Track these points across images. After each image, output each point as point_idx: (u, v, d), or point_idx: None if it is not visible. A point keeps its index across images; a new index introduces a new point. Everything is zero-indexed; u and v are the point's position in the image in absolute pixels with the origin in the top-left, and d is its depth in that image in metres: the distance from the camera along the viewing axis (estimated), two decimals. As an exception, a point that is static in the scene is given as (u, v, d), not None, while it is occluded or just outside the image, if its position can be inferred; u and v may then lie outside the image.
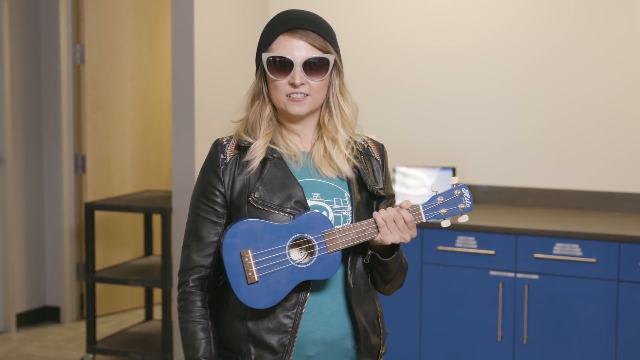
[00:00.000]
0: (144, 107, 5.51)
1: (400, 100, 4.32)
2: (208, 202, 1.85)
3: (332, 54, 1.85)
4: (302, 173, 1.86)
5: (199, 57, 3.97)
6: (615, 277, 3.37)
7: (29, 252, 5.11)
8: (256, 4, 4.46)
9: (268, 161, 1.84)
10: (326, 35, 1.86)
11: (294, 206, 1.79)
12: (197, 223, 1.86)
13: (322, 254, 1.76)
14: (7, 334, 4.94)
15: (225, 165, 1.85)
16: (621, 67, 3.90)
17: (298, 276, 1.76)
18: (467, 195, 1.88)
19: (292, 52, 1.82)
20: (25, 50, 5.03)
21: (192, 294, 1.86)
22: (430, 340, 3.68)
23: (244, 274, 1.75)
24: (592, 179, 3.98)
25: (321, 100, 1.87)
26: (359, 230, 1.78)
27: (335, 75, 1.89)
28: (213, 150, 1.88)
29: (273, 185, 1.81)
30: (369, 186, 1.87)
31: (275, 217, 1.79)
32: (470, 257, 3.60)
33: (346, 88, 1.91)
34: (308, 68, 1.82)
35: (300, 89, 1.81)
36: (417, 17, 4.26)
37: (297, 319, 1.79)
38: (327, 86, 1.87)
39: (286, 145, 1.87)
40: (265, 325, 1.80)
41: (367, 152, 1.95)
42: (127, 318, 5.25)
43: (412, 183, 4.10)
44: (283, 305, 1.79)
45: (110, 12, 5.23)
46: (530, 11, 4.05)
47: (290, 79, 1.81)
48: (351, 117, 1.90)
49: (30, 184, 5.11)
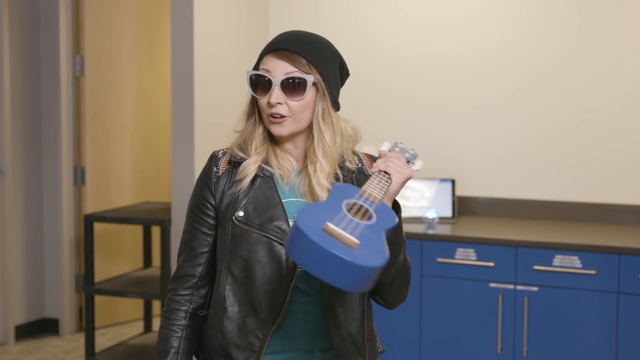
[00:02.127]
0: (144, 119, 5.51)
1: (400, 113, 4.33)
2: (200, 213, 1.88)
3: (311, 75, 1.81)
4: (289, 193, 1.86)
5: (198, 69, 3.98)
6: (615, 289, 3.37)
7: (28, 264, 5.10)
8: (256, 16, 4.47)
9: (258, 179, 1.84)
10: (313, 58, 1.82)
11: (274, 227, 1.80)
12: (190, 233, 1.91)
13: (374, 207, 1.68)
14: (6, 346, 4.93)
15: (217, 178, 1.87)
16: (621, 81, 3.91)
17: (378, 229, 1.64)
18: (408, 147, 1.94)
19: (273, 71, 1.81)
20: (25, 61, 5.03)
21: (176, 303, 1.91)
22: (431, 352, 3.67)
23: (344, 246, 1.56)
24: (591, 191, 3.98)
25: (304, 122, 1.84)
26: (373, 180, 1.75)
27: (319, 98, 1.84)
28: (208, 163, 1.91)
29: (258, 204, 1.82)
30: None
31: (255, 237, 1.80)
32: (470, 269, 3.60)
33: (330, 113, 1.86)
34: (287, 88, 1.80)
35: (278, 108, 1.80)
36: (416, 31, 4.27)
37: (265, 339, 1.80)
38: (310, 108, 1.83)
39: (279, 165, 1.86)
40: (234, 342, 1.82)
41: (360, 171, 1.93)
42: (126, 330, 5.24)
43: (411, 195, 4.10)
44: (254, 324, 1.80)
45: (110, 24, 5.24)
46: (531, 27, 4.06)
47: (268, 97, 1.81)
48: (332, 145, 1.85)
49: (30, 195, 5.10)
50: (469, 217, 4.11)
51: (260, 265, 1.80)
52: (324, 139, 1.85)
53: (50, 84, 5.12)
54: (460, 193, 4.19)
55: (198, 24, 3.98)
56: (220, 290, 1.85)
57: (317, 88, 1.84)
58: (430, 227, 3.83)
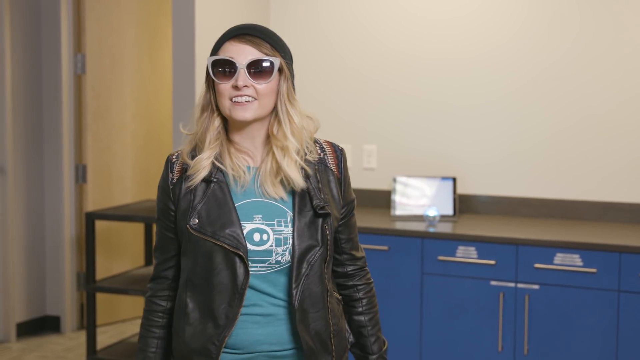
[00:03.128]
0: (145, 117, 5.52)
1: (401, 111, 4.33)
2: (165, 219, 1.90)
3: (278, 58, 1.82)
4: (246, 194, 1.85)
5: (200, 68, 3.98)
6: (616, 287, 3.37)
7: (29, 262, 5.11)
8: (257, 15, 4.48)
9: (212, 184, 1.83)
10: (274, 42, 1.84)
11: (227, 235, 1.79)
12: (160, 237, 1.93)
13: None
14: (7, 343, 4.94)
15: (173, 185, 1.87)
16: (620, 79, 3.91)
17: None
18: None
19: (237, 55, 1.80)
20: (26, 60, 5.04)
21: (154, 304, 1.95)
22: (431, 351, 3.68)
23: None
24: (592, 189, 3.99)
25: (268, 107, 1.83)
26: None
27: (282, 82, 1.84)
28: (164, 169, 1.91)
29: (210, 211, 1.81)
30: (314, 203, 1.85)
31: (209, 245, 1.79)
32: (471, 267, 3.60)
33: (294, 96, 1.87)
34: (253, 72, 1.80)
35: (244, 91, 1.79)
36: (418, 29, 4.28)
37: (221, 345, 1.81)
38: (274, 92, 1.83)
39: (232, 164, 1.85)
40: (193, 347, 1.84)
41: (322, 162, 1.92)
42: (127, 328, 5.24)
43: (412, 193, 4.11)
44: (212, 331, 1.81)
45: (111, 23, 5.24)
46: (532, 26, 4.06)
47: (234, 81, 1.79)
48: (300, 125, 1.85)
49: (31, 193, 5.11)
50: (470, 215, 4.12)
51: (216, 272, 1.80)
52: (291, 119, 1.85)
53: (52, 82, 5.12)
54: (462, 191, 4.19)
55: (199, 22, 3.99)
56: (182, 296, 1.86)
57: (280, 72, 1.84)
58: (431, 225, 3.84)
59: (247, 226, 1.81)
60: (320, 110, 4.41)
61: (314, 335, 1.85)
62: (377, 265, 3.64)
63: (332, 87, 4.44)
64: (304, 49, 4.47)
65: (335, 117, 4.42)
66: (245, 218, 1.82)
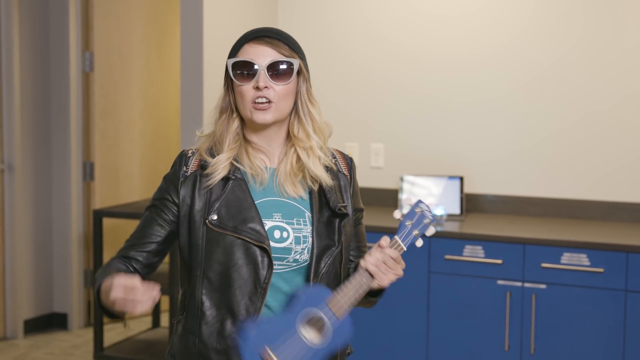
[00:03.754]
0: (153, 115, 5.53)
1: (408, 109, 4.33)
2: (162, 206, 1.88)
3: (297, 59, 1.85)
4: (265, 192, 1.86)
5: (207, 66, 3.99)
6: (623, 287, 3.36)
7: (37, 259, 5.13)
8: (265, 11, 4.48)
9: (230, 181, 1.84)
10: (291, 44, 1.86)
11: (248, 229, 1.80)
12: (146, 223, 1.89)
13: (333, 322, 1.76)
14: (15, 340, 4.95)
15: (185, 178, 1.86)
16: (627, 76, 3.90)
17: (320, 355, 1.76)
18: (426, 208, 1.88)
19: (257, 57, 1.82)
20: (34, 57, 5.05)
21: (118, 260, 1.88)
22: (438, 350, 3.68)
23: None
24: (599, 188, 3.98)
25: (287, 108, 1.85)
26: (355, 284, 1.78)
27: (302, 82, 1.87)
28: (177, 162, 1.90)
29: (230, 207, 1.81)
30: (331, 204, 1.87)
31: (230, 240, 1.80)
32: (478, 266, 3.60)
33: (314, 97, 1.90)
34: (272, 73, 1.82)
35: (265, 92, 1.80)
36: (425, 27, 4.27)
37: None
38: (293, 94, 1.86)
39: (250, 163, 1.86)
40: (213, 346, 1.81)
41: (335, 166, 1.95)
42: (134, 325, 5.26)
43: (419, 192, 4.10)
44: (232, 328, 1.80)
45: (120, 21, 5.25)
46: (538, 23, 4.06)
47: (255, 83, 1.81)
48: (322, 124, 1.89)
49: (39, 191, 5.13)
50: (477, 215, 4.12)
51: (236, 267, 1.79)
52: (314, 118, 1.88)
53: (60, 79, 5.13)
54: (469, 190, 4.19)
55: (207, 20, 3.99)
56: (196, 295, 1.83)
57: (298, 74, 1.86)
58: (439, 224, 3.84)
59: (267, 223, 1.82)
60: (328, 109, 4.40)
61: None
62: (383, 263, 3.63)
63: (339, 85, 4.44)
64: (312, 47, 4.46)
65: (342, 116, 4.41)
66: (265, 215, 1.83)
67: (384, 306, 3.75)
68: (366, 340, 3.78)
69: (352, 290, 1.78)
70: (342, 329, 1.77)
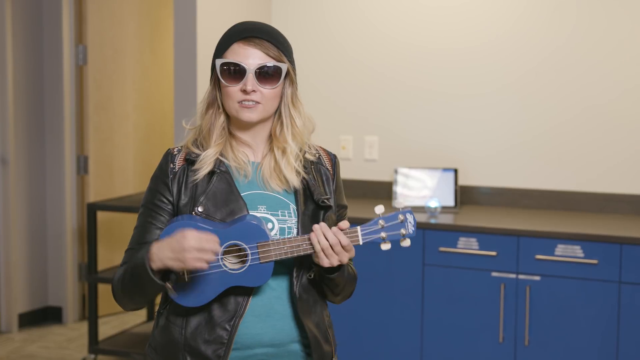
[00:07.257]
0: (146, 108, 5.52)
1: (403, 102, 4.33)
2: (156, 209, 1.87)
3: (285, 63, 1.86)
4: (249, 185, 1.88)
5: (201, 59, 3.98)
6: (617, 278, 3.37)
7: (31, 253, 5.12)
8: (259, 4, 4.47)
9: (215, 175, 1.85)
10: (280, 45, 1.87)
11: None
12: (144, 229, 1.88)
13: (255, 263, 1.77)
14: (9, 334, 4.95)
15: (174, 174, 1.87)
16: (623, 69, 3.91)
17: (228, 281, 1.78)
18: (410, 221, 1.87)
19: (245, 59, 1.83)
20: (28, 51, 5.04)
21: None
22: (432, 342, 3.69)
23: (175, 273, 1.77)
24: (593, 181, 3.99)
25: (272, 109, 1.88)
26: (294, 245, 1.78)
27: (287, 85, 1.89)
28: (163, 160, 1.91)
29: (217, 199, 1.83)
30: (315, 196, 1.89)
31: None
32: (472, 258, 3.61)
33: (299, 99, 1.92)
34: (260, 76, 1.83)
35: (252, 96, 1.83)
36: (419, 19, 4.27)
37: (233, 331, 1.80)
38: (279, 96, 1.88)
39: (235, 157, 1.88)
40: (202, 337, 1.82)
41: (318, 161, 1.97)
42: (129, 319, 5.25)
43: (413, 184, 4.11)
44: (221, 317, 1.81)
45: (113, 14, 5.24)
46: (532, 15, 4.06)
47: (242, 85, 1.83)
48: (302, 128, 1.91)
49: (33, 184, 5.12)
50: (472, 207, 4.12)
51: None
52: (294, 123, 1.90)
53: (53, 73, 5.12)
54: (463, 182, 4.19)
55: (201, 14, 3.98)
56: None
57: (286, 77, 1.88)
58: (433, 216, 3.84)
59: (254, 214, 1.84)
60: (322, 102, 4.41)
61: (316, 325, 1.88)
62: (378, 256, 3.64)
63: (333, 78, 4.44)
64: (306, 40, 4.46)
65: (336, 109, 4.41)
66: (250, 208, 1.84)
67: (379, 298, 3.75)
68: (360, 333, 3.79)
69: (287, 247, 1.78)
70: (258, 270, 1.78)
